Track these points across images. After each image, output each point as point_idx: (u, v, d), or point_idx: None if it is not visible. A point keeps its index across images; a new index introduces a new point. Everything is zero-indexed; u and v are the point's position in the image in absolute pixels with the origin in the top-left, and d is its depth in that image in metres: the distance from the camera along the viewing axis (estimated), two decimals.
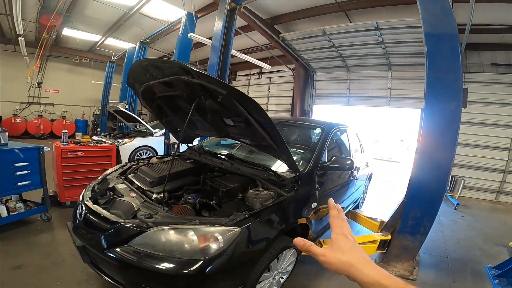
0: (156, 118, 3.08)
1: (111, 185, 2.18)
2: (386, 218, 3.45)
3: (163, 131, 7.54)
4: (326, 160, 2.86)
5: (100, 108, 12.59)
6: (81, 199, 2.08)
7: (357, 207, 4.67)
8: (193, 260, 1.51)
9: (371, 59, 8.49)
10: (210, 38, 5.66)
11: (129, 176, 2.46)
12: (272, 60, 9.66)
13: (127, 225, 1.65)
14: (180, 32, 5.93)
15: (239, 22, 5.95)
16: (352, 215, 3.89)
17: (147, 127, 7.68)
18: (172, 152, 6.07)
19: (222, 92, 1.76)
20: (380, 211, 4.56)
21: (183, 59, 6.03)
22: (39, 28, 9.32)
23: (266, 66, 8.59)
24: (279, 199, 2.07)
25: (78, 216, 1.90)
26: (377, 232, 3.34)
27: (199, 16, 6.54)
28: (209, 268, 1.51)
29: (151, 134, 7.64)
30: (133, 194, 1.99)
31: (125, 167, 2.79)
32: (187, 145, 3.42)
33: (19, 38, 8.58)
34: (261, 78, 12.53)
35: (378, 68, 8.91)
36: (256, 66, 11.05)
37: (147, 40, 8.86)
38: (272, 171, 2.47)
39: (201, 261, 1.51)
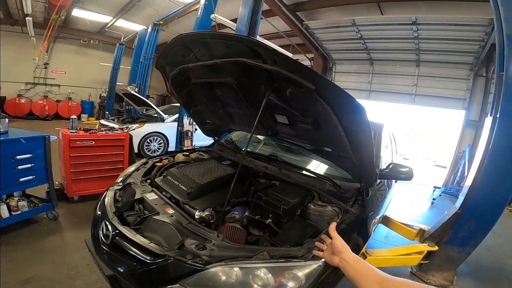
0: (183, 106, 2.64)
1: (138, 195, 1.73)
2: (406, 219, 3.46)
3: (175, 116, 7.13)
4: (384, 167, 2.41)
5: (107, 90, 12.15)
6: (100, 213, 1.66)
7: None
8: None
9: (399, 53, 7.94)
10: (234, 21, 5.17)
11: (157, 181, 2.02)
12: (289, 48, 9.10)
13: (178, 261, 1.21)
14: (199, 13, 5.39)
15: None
16: (385, 220, 3.53)
17: (158, 111, 7.25)
18: (190, 143, 5.70)
19: (310, 87, 1.29)
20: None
21: None
22: (49, 8, 8.83)
23: (288, 54, 8.05)
24: (349, 217, 1.64)
25: (103, 237, 1.45)
26: (414, 240, 3.23)
27: None
28: None
29: (162, 120, 7.22)
30: (170, 211, 1.55)
31: (146, 165, 2.36)
32: (214, 139, 3.01)
33: (27, 18, 8.11)
34: None
35: (405, 63, 8.33)
36: None
37: (161, 22, 8.33)
38: (330, 180, 2.03)
39: None
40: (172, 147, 7.04)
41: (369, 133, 1.42)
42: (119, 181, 2.04)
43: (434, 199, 6.28)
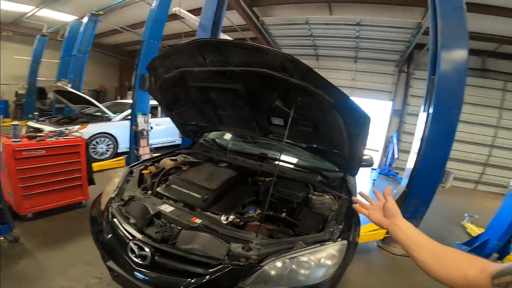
0: (165, 108, 2.52)
1: (151, 209, 1.61)
2: None
3: (124, 114, 6.55)
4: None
5: (26, 86, 10.30)
6: (114, 234, 1.54)
7: None
8: (319, 282, 1.32)
9: (342, 50, 8.77)
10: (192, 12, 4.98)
11: (160, 190, 1.92)
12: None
13: (235, 266, 1.25)
14: (154, 5, 4.98)
15: None
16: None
17: (104, 110, 6.52)
18: (146, 143, 5.34)
19: (329, 100, 1.44)
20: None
21: (156, 37, 5.15)
22: None
23: None
24: (344, 202, 1.89)
25: (136, 259, 1.34)
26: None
27: None
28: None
29: (109, 119, 6.54)
30: (197, 220, 1.52)
31: (134, 175, 2.19)
32: (194, 140, 2.97)
33: None
34: None
35: (345, 59, 9.28)
36: None
37: (101, 12, 7.38)
38: (320, 172, 2.29)
39: (327, 279, 1.34)
40: (122, 148, 6.47)
41: (366, 135, 1.66)
42: (113, 195, 1.86)
43: (374, 179, 7.26)
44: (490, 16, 5.61)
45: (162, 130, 7.03)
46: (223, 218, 1.63)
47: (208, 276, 1.25)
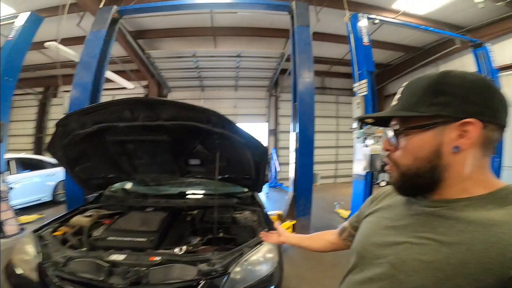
0: (65, 166, 2.34)
1: (102, 261, 1.59)
2: None
3: None
4: None
5: None
6: None
7: None
8: (272, 271, 1.75)
9: (224, 80, 9.77)
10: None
11: (101, 244, 1.85)
12: (122, 74, 8.67)
13: (209, 279, 1.53)
14: (12, 35, 4.22)
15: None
16: None
17: None
18: (6, 206, 4.27)
19: (242, 141, 1.95)
20: None
21: (13, 70, 4.35)
22: None
23: (129, 86, 7.70)
24: (261, 213, 2.42)
25: None
26: (279, 222, 4.42)
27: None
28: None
29: None
30: (156, 258, 1.62)
31: (46, 239, 1.96)
32: (99, 194, 2.83)
33: None
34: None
35: (227, 89, 10.36)
36: None
37: None
38: (234, 195, 2.79)
39: (276, 267, 1.78)
40: None
41: (267, 161, 2.26)
42: (38, 261, 1.66)
43: (267, 193, 8.33)
44: (324, 43, 7.73)
45: (20, 188, 5.70)
46: (176, 250, 1.81)
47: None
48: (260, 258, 1.76)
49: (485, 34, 6.73)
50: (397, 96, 0.67)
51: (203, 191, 2.88)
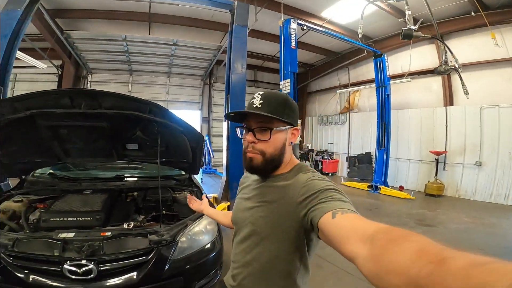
0: None
1: (53, 239, 1.72)
2: None
3: None
4: None
5: None
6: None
7: None
8: (214, 239, 2.15)
9: (157, 66, 9.50)
10: None
11: (45, 225, 1.92)
12: (27, 52, 7.51)
13: (161, 246, 1.83)
14: None
15: None
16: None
17: None
18: None
19: (180, 129, 2.30)
20: None
21: None
22: None
23: (41, 65, 6.76)
24: (198, 192, 2.81)
25: (78, 272, 1.57)
26: (216, 204, 4.94)
27: None
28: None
29: None
30: (107, 233, 1.80)
31: None
32: (22, 178, 2.77)
33: None
34: None
35: (160, 74, 10.09)
36: None
37: None
38: (172, 177, 3.10)
39: (216, 235, 2.19)
40: None
41: (202, 146, 2.66)
42: None
43: (201, 178, 8.72)
44: (260, 40, 8.37)
45: None
46: (125, 225, 2.04)
47: (150, 258, 1.79)
48: (202, 229, 2.13)
49: (386, 46, 8.27)
50: (259, 102, 0.90)
51: (141, 174, 3.08)
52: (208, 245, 2.09)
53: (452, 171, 7.13)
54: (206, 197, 1.59)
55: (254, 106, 0.90)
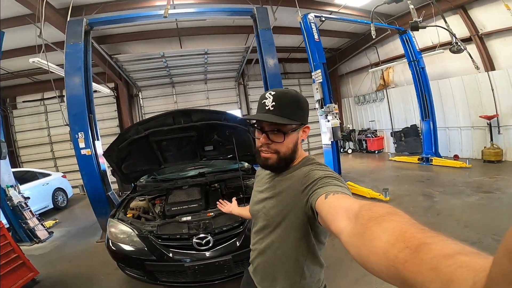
0: (115, 166, 3.00)
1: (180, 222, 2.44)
2: None
3: None
4: None
5: None
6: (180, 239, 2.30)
7: None
8: None
9: (193, 75, 10.31)
10: None
11: (169, 214, 2.66)
12: None
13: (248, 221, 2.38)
14: None
15: (60, 36, 5.33)
16: None
17: None
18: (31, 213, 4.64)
19: (245, 129, 2.82)
20: None
21: None
22: None
23: (106, 91, 7.90)
24: None
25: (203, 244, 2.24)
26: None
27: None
28: None
29: None
30: (211, 213, 2.49)
31: (125, 219, 2.68)
32: (133, 185, 3.52)
33: None
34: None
35: (197, 83, 10.91)
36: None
37: None
38: (239, 169, 3.60)
39: None
40: None
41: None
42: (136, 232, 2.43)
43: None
44: (281, 35, 8.70)
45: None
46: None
47: (243, 228, 2.38)
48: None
49: (409, 21, 8.07)
50: (271, 103, 0.92)
51: (215, 169, 3.73)
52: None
53: (508, 134, 6.78)
54: (236, 199, 1.83)
55: (267, 107, 0.93)
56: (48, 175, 7.12)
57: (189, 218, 2.48)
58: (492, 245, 2.94)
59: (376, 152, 10.50)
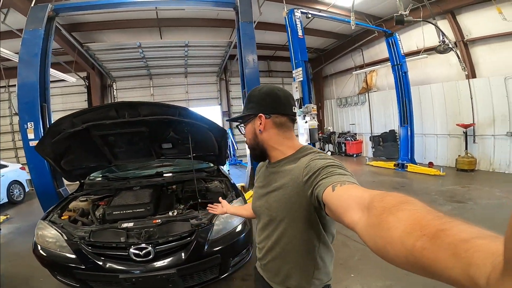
0: (53, 160, 2.65)
1: (118, 227, 2.11)
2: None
3: None
4: None
5: None
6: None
7: None
8: (244, 221, 2.40)
9: (173, 68, 9.88)
10: None
11: (110, 218, 2.32)
12: (55, 67, 8.14)
13: (201, 228, 2.13)
14: None
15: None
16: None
17: None
18: None
19: (205, 126, 2.52)
20: None
21: None
22: None
23: (71, 79, 7.34)
24: (227, 182, 3.07)
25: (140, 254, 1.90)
26: (244, 192, 5.02)
27: None
28: None
29: None
30: (158, 220, 2.17)
31: (57, 222, 2.33)
32: (81, 181, 3.18)
33: None
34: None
35: (177, 76, 10.47)
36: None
37: None
38: (202, 170, 3.38)
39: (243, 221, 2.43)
40: None
41: (226, 139, 2.88)
42: (65, 238, 2.12)
43: (228, 170, 9.09)
44: (268, 31, 8.44)
45: None
46: (170, 213, 2.38)
47: (193, 239, 2.09)
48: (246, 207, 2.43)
49: (395, 25, 8.04)
50: None
51: (176, 169, 3.43)
52: (239, 227, 2.36)
53: (483, 143, 6.85)
54: (224, 199, 1.74)
55: None
56: (5, 166, 6.51)
57: (131, 224, 2.16)
58: None
59: (355, 155, 10.47)
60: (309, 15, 5.92)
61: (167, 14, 7.19)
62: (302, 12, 5.69)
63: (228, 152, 10.55)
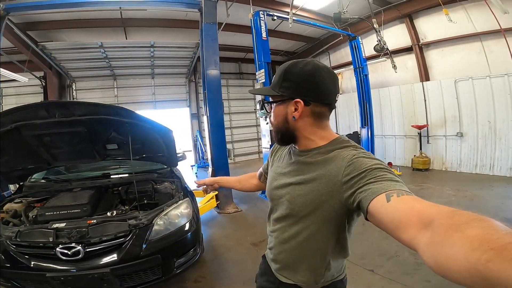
0: None
1: (48, 228, 2.00)
2: None
3: None
4: None
5: None
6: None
7: None
8: (189, 221, 2.38)
9: (139, 69, 9.58)
10: None
11: (41, 219, 2.20)
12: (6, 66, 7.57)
13: (138, 228, 2.07)
14: None
15: None
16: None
17: None
18: None
19: (149, 126, 2.47)
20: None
21: None
22: None
23: (22, 79, 6.83)
24: (178, 183, 3.03)
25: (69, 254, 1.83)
26: (204, 195, 4.98)
27: None
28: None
29: None
30: (93, 220, 2.09)
31: None
32: (20, 183, 3.02)
33: None
34: None
35: (143, 77, 10.15)
36: None
37: None
38: (154, 171, 3.30)
39: (190, 219, 2.41)
40: None
41: (173, 139, 2.83)
42: None
43: (196, 173, 8.97)
44: (238, 33, 8.44)
45: None
46: (108, 213, 2.31)
47: (128, 239, 2.03)
48: (178, 213, 2.38)
49: (360, 28, 8.32)
50: None
51: (126, 171, 3.33)
52: (185, 226, 2.34)
53: (436, 144, 7.32)
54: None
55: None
56: None
57: (62, 225, 2.08)
58: (409, 259, 2.91)
59: None
60: (275, 18, 6.01)
61: (131, 14, 6.98)
62: (268, 15, 5.74)
63: (198, 155, 10.41)
